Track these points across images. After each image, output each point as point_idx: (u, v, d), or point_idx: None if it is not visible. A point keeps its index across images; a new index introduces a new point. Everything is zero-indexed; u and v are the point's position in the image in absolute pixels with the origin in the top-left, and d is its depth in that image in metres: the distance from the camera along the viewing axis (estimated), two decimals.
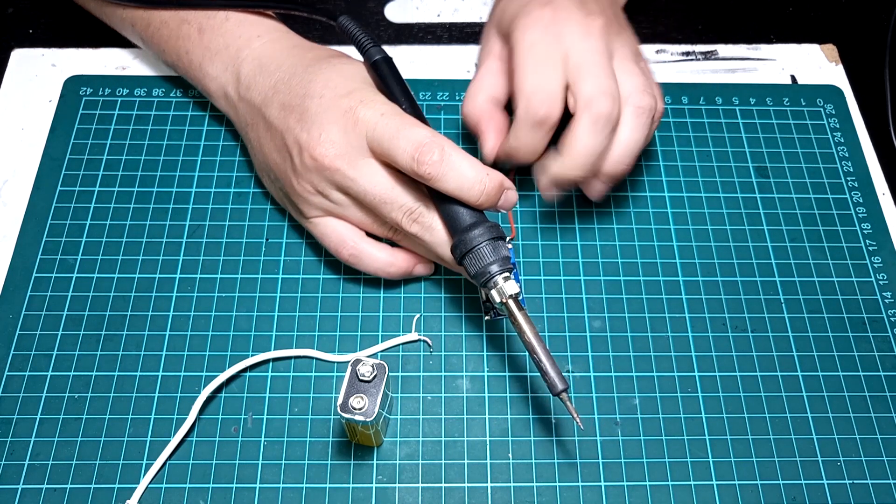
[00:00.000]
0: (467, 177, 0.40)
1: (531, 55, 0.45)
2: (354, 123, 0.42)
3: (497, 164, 0.48)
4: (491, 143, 0.48)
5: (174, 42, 0.50)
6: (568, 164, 0.45)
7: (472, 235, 0.40)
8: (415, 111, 0.43)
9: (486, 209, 0.42)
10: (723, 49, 0.59)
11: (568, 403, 0.40)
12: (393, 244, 0.47)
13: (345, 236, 0.46)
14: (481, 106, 0.48)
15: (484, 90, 0.49)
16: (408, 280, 0.48)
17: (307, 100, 0.43)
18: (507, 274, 0.40)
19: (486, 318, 0.46)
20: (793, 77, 0.58)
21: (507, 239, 0.45)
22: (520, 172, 0.51)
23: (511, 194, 0.42)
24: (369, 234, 0.46)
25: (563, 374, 0.45)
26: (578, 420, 0.40)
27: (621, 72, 0.45)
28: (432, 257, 0.46)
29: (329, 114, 0.42)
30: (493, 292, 0.40)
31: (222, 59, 0.48)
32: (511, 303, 0.40)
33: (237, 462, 0.42)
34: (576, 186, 0.47)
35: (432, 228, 0.43)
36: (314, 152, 0.42)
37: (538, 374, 0.41)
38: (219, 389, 0.44)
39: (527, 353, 0.41)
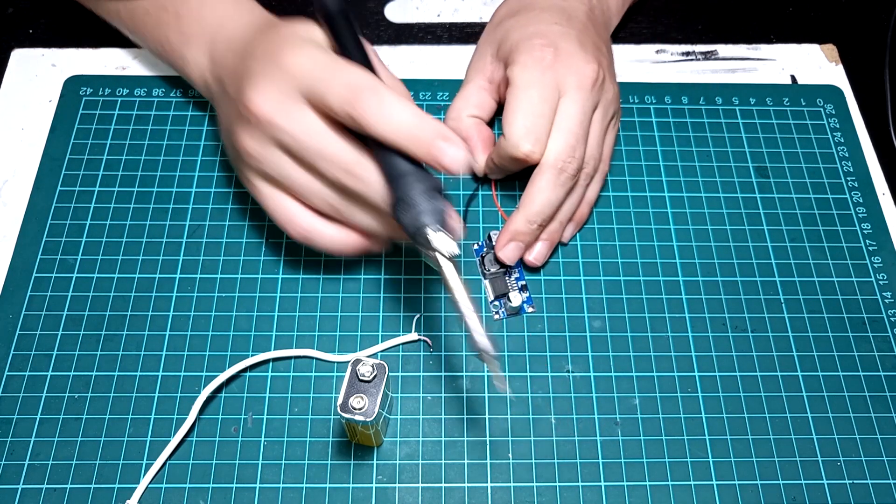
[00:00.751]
0: (404, 122, 0.38)
1: (526, 97, 0.45)
2: (287, 72, 0.40)
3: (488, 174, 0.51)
4: (482, 158, 0.50)
5: (155, 30, 0.50)
6: (525, 215, 0.46)
7: (404, 184, 0.38)
8: (365, 62, 0.41)
9: (426, 162, 0.39)
10: (723, 49, 0.59)
11: (491, 363, 0.38)
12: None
13: (294, 213, 0.44)
14: (467, 122, 0.50)
15: (470, 107, 0.50)
16: (407, 280, 0.48)
17: (249, 61, 0.43)
18: (439, 227, 0.38)
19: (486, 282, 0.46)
20: (793, 77, 0.58)
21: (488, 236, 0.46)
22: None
23: (453, 151, 0.39)
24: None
25: (564, 373, 0.45)
26: (500, 382, 0.39)
27: (590, 135, 0.47)
28: (376, 218, 0.43)
29: (266, 67, 0.41)
30: (425, 246, 0.38)
31: (198, 44, 0.48)
32: (439, 256, 0.38)
33: (237, 462, 0.42)
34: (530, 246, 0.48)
35: (370, 183, 0.40)
36: (251, 106, 0.41)
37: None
38: (219, 389, 0.44)
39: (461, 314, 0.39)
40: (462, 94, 0.51)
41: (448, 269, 0.38)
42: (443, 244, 0.38)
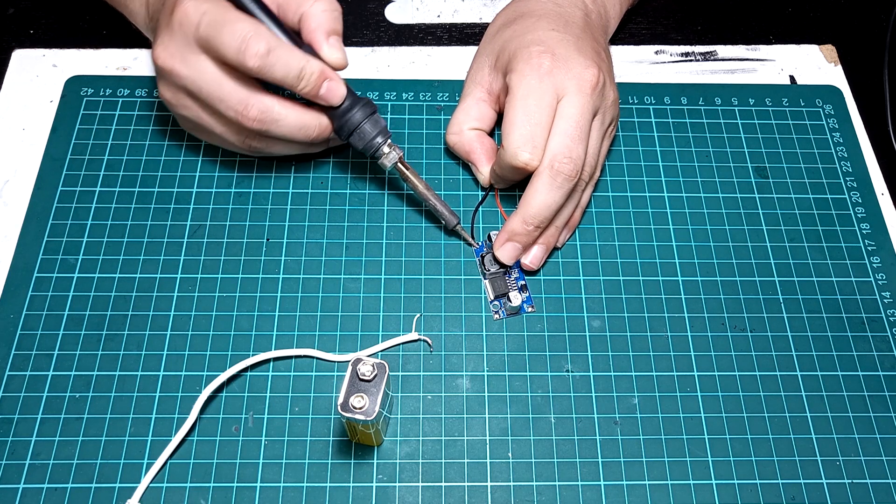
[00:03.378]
0: (292, 66, 0.43)
1: (523, 106, 0.46)
2: (180, 24, 0.44)
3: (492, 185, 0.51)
4: (486, 169, 0.50)
5: None
6: (521, 216, 0.46)
7: (352, 116, 0.46)
8: (259, 7, 0.45)
9: (312, 97, 0.45)
10: (722, 50, 0.59)
11: (463, 233, 0.49)
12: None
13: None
14: (468, 135, 0.51)
15: (470, 119, 0.51)
16: (407, 279, 0.48)
17: (160, 14, 0.46)
18: (389, 141, 0.47)
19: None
20: (792, 77, 0.58)
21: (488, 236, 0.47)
22: None
23: (334, 86, 0.45)
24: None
25: (563, 373, 0.45)
26: (474, 243, 0.49)
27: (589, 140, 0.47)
28: (295, 148, 0.49)
29: (166, 19, 0.45)
30: (384, 160, 0.47)
31: None
32: (400, 165, 0.48)
33: (238, 461, 0.42)
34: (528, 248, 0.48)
35: (278, 121, 0.45)
36: (156, 60, 0.45)
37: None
38: (220, 389, 0.44)
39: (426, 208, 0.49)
40: (462, 106, 0.51)
41: (407, 171, 0.48)
42: (397, 154, 0.47)
